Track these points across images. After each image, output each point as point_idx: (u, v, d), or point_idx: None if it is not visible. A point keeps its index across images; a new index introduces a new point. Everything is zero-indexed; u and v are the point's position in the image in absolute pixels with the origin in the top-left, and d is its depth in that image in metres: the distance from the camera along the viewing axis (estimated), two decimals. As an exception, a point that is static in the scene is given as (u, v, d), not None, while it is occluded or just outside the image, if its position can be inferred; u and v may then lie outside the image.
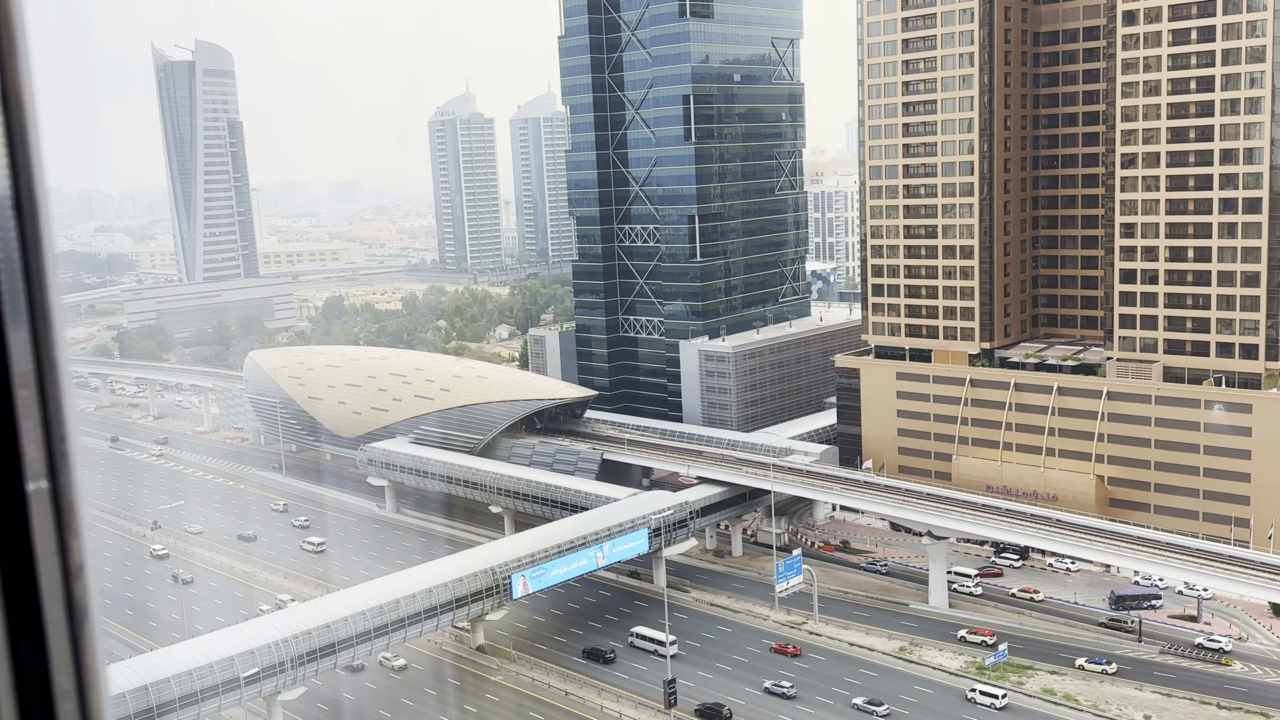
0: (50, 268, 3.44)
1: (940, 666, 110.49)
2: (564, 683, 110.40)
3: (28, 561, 3.29)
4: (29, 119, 3.42)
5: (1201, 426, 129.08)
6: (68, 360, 3.65)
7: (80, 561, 3.38)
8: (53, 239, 3.53)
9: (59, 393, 3.47)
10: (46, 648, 3.30)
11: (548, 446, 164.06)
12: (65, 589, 3.34)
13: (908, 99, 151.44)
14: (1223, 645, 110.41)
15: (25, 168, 3.42)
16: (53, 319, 3.42)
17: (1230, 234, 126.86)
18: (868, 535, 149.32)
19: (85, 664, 3.36)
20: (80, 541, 3.40)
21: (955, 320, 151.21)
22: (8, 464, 3.31)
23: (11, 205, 3.36)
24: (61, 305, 3.49)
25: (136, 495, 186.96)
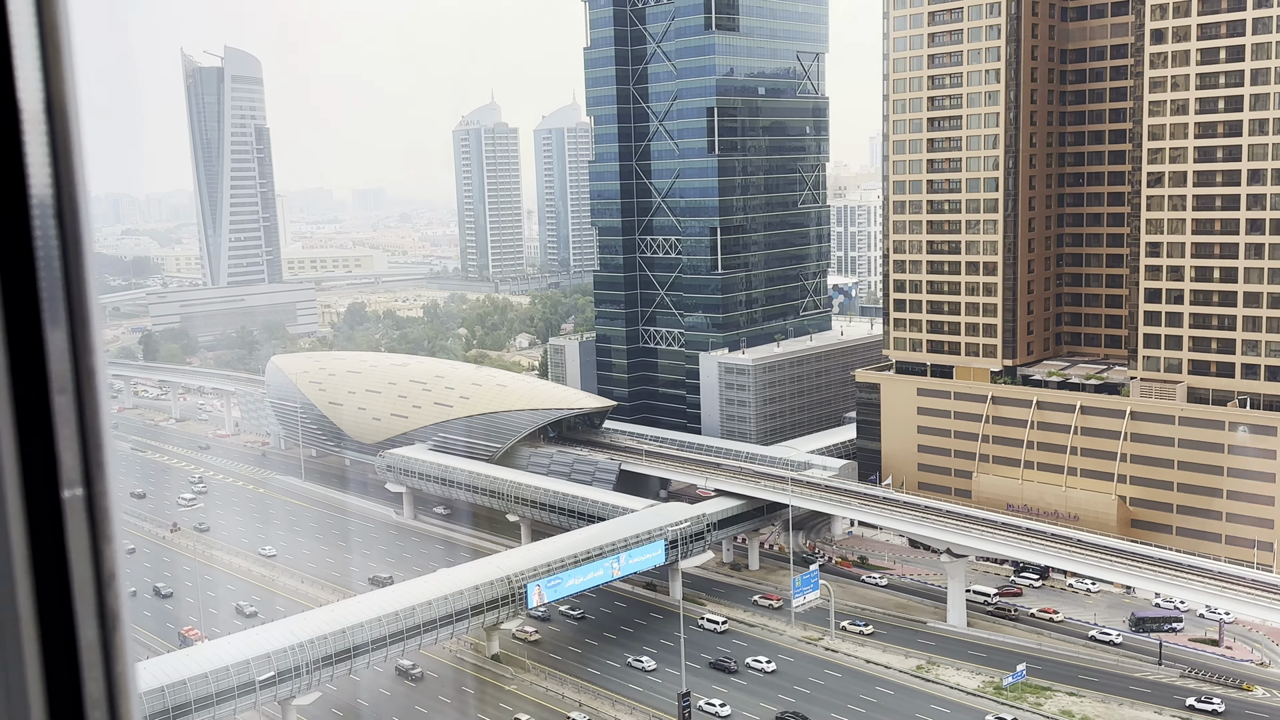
0: (90, 274, 3.45)
1: (958, 686, 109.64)
2: (578, 694, 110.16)
3: (61, 569, 3.30)
4: (73, 125, 3.42)
5: (1225, 448, 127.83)
6: (105, 367, 3.66)
7: (113, 569, 3.39)
8: (92, 245, 3.53)
9: (95, 399, 3.48)
10: (78, 655, 3.31)
11: (566, 456, 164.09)
12: (98, 596, 3.35)
13: (933, 114, 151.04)
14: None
15: (68, 174, 3.44)
16: (91, 325, 3.43)
17: (1257, 254, 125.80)
18: (886, 551, 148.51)
19: (116, 671, 3.37)
20: (113, 548, 3.42)
21: (978, 337, 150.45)
22: (43, 471, 3.33)
23: (54, 213, 3.38)
24: (99, 311, 3.50)
25: (158, 496, 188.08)
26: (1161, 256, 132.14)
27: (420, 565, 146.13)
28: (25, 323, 3.30)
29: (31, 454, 3.30)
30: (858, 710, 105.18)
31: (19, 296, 3.28)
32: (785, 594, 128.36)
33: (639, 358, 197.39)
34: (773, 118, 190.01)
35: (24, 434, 3.29)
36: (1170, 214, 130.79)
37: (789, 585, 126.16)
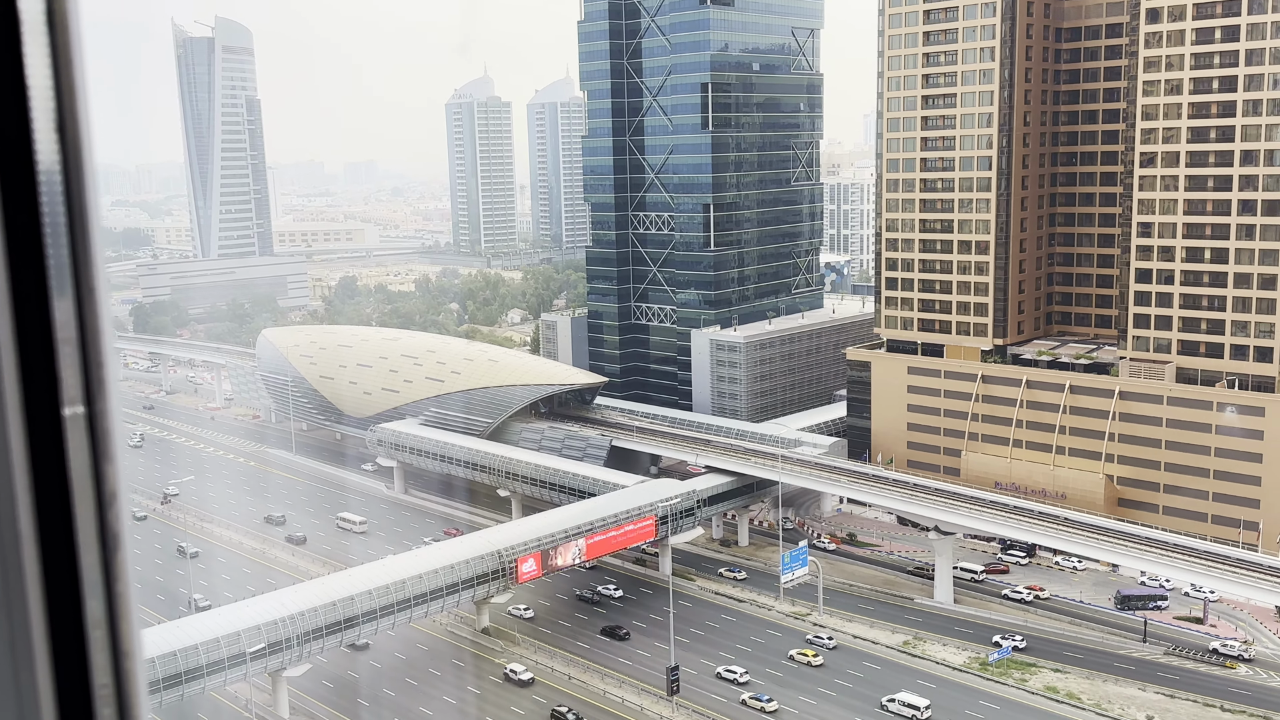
0: (91, 182, 3.47)
1: (944, 661, 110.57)
2: (568, 667, 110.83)
3: (62, 487, 3.29)
4: (80, 96, 3.46)
5: (1213, 428, 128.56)
6: (107, 286, 3.68)
7: (114, 489, 3.40)
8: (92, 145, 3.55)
9: (97, 316, 3.48)
10: (79, 574, 3.31)
11: (557, 432, 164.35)
12: (99, 516, 3.35)
13: (927, 92, 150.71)
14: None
15: (74, 144, 3.47)
16: (92, 238, 3.45)
17: (1248, 236, 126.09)
18: (875, 529, 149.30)
19: (117, 591, 3.40)
20: (115, 468, 3.42)
21: (969, 316, 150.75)
22: (44, 388, 3.31)
23: (61, 182, 3.41)
24: (100, 226, 3.53)
25: (148, 470, 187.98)
26: (1153, 237, 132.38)
27: (411, 539, 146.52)
28: (27, 235, 3.34)
29: (32, 371, 3.30)
30: (844, 685, 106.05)
31: (20, 204, 3.30)
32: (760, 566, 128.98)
33: (631, 334, 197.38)
34: (767, 94, 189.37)
35: (25, 350, 3.29)
36: (1162, 194, 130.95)
37: (778, 561, 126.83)
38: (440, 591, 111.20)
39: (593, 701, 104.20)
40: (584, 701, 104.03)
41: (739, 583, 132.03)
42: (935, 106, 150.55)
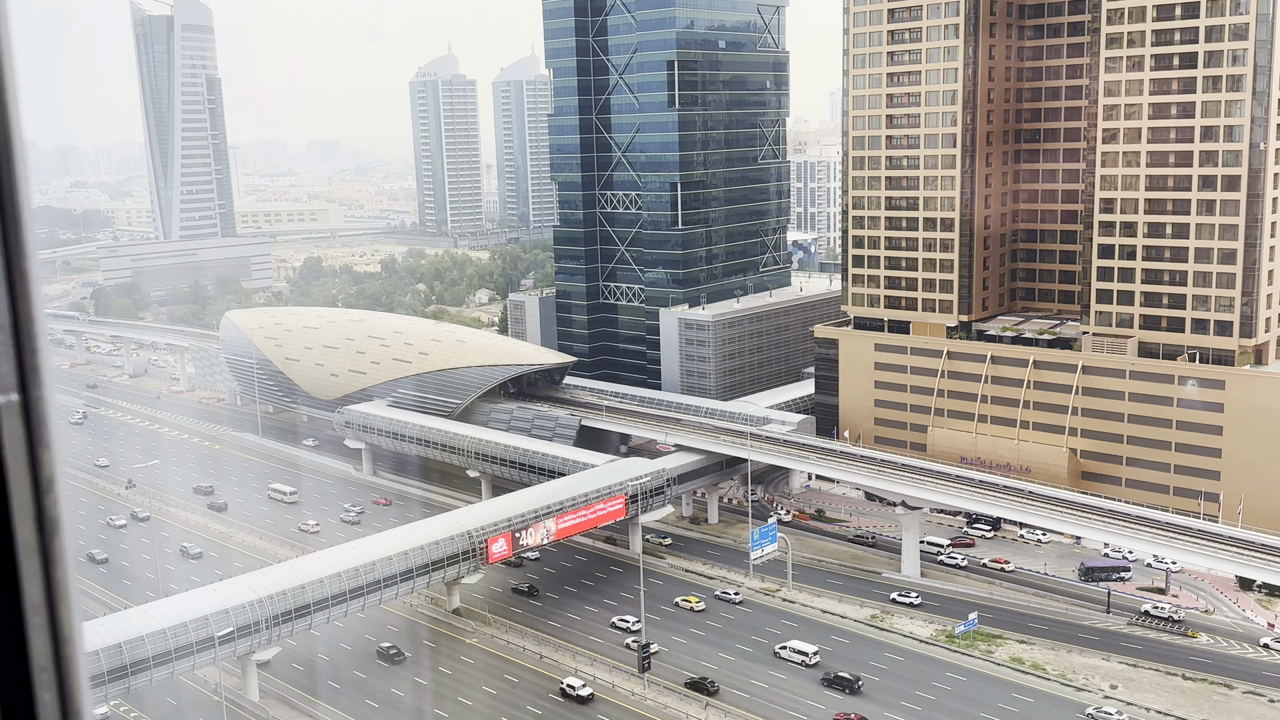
0: (20, 169, 3.38)
1: (911, 634, 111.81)
2: (539, 646, 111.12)
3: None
4: (6, 77, 3.38)
5: (1175, 402, 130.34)
6: (40, 274, 3.60)
7: (51, 475, 3.34)
8: (22, 142, 3.45)
9: (30, 304, 3.41)
10: (16, 560, 3.27)
11: (526, 412, 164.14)
12: (36, 502, 3.30)
13: (892, 70, 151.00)
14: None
15: (1, 126, 3.39)
16: (23, 225, 3.36)
17: (1208, 211, 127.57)
18: (843, 505, 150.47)
19: (56, 577, 3.35)
20: (51, 455, 3.35)
21: (934, 293, 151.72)
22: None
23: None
24: (31, 213, 3.44)
25: (111, 454, 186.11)
26: (1115, 213, 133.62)
27: (380, 521, 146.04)
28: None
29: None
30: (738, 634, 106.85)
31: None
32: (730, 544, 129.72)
33: (599, 313, 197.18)
34: (733, 72, 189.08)
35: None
36: (1125, 170, 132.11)
37: (747, 538, 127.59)
38: (411, 573, 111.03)
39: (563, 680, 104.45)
40: (556, 680, 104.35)
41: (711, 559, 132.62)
42: (900, 84, 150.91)
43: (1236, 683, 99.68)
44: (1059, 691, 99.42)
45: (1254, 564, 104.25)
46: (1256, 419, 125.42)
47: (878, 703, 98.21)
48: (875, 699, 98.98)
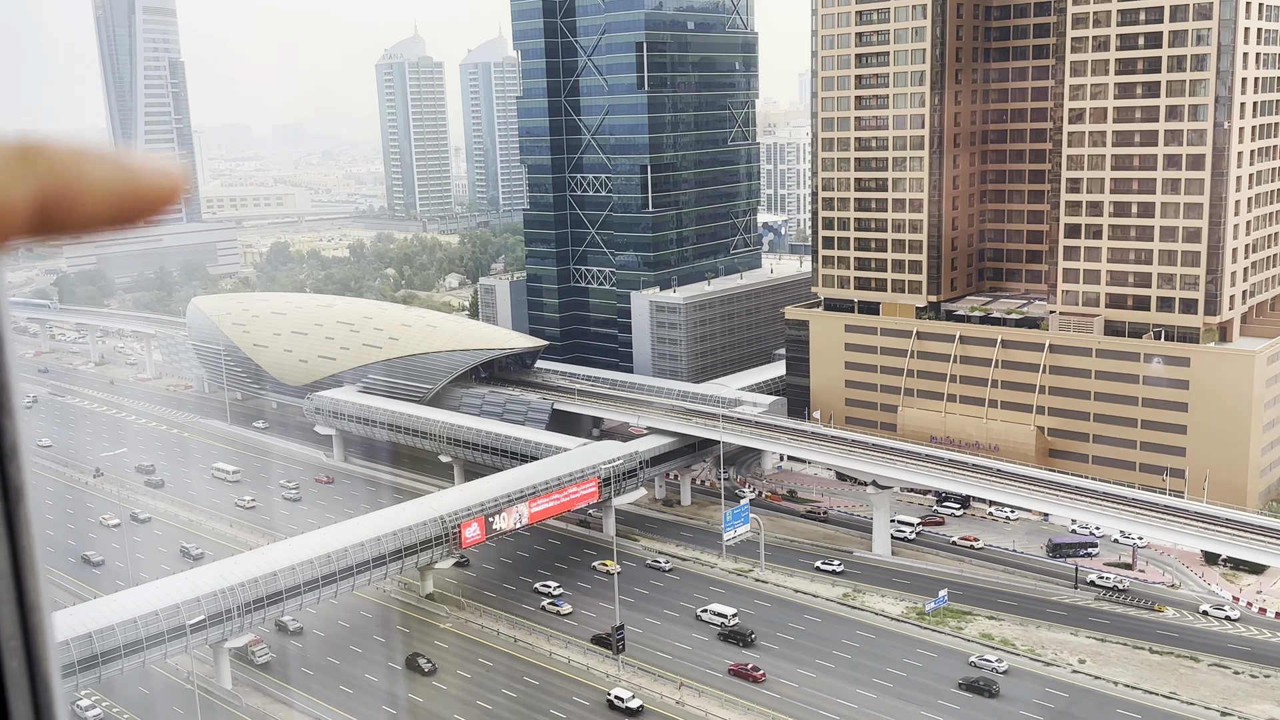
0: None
1: (882, 612, 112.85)
2: (513, 629, 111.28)
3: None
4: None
5: (1140, 379, 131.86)
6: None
7: (15, 442, 3.29)
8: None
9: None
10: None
11: (498, 396, 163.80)
12: (0, 470, 3.27)
13: (861, 51, 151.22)
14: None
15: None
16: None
17: (1173, 190, 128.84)
18: (814, 485, 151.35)
19: (21, 545, 3.31)
20: (15, 422, 3.30)
21: (904, 274, 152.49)
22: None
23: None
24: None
25: (78, 442, 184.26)
26: (1081, 192, 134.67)
27: (351, 508, 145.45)
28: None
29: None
30: (786, 638, 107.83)
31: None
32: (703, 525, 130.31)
33: (570, 297, 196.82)
34: (702, 53, 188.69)
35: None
36: (1090, 150, 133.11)
37: (720, 519, 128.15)
38: (384, 559, 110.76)
39: (538, 662, 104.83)
40: (530, 663, 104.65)
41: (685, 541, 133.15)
42: (869, 65, 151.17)
43: (1202, 655, 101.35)
44: (1028, 666, 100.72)
45: (1219, 538, 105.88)
46: (1221, 396, 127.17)
47: (768, 653, 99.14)
48: (764, 649, 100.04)
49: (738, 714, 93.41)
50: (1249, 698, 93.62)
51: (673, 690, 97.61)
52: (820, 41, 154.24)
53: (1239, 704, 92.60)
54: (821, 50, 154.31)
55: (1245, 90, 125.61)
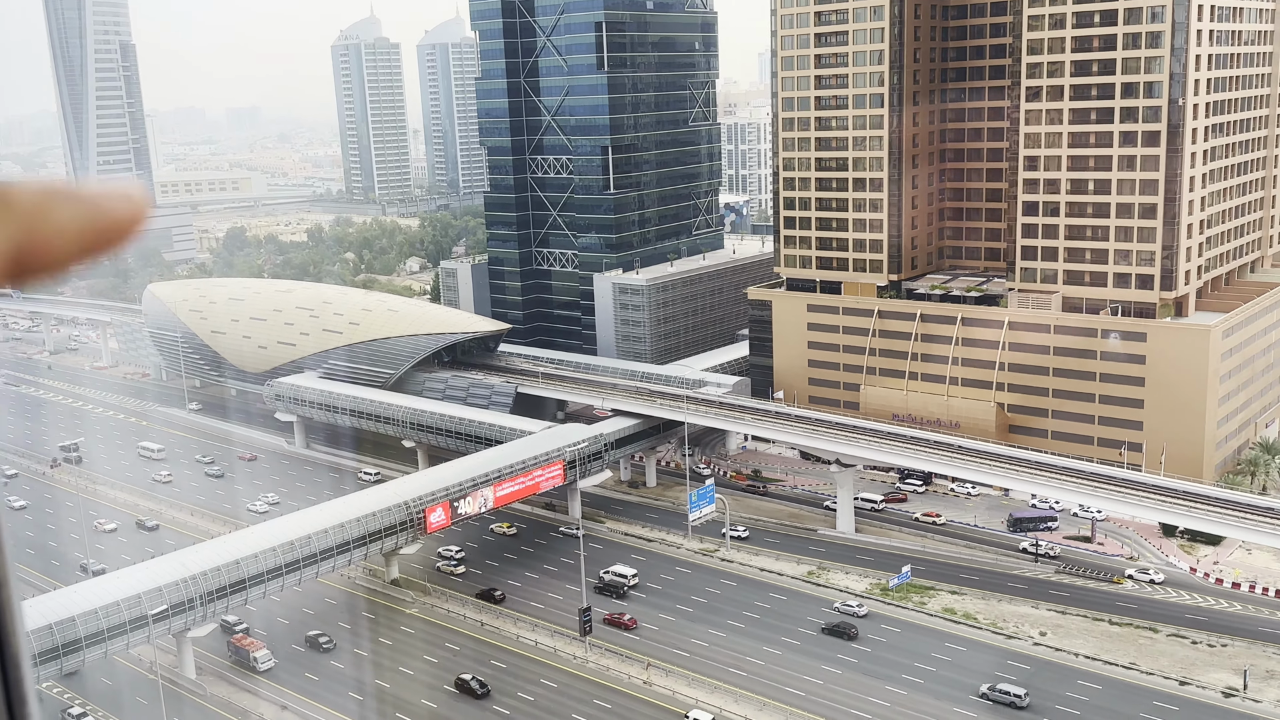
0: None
1: (847, 589, 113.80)
2: (479, 614, 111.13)
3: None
4: None
5: (1098, 355, 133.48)
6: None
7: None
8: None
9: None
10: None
11: (461, 380, 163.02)
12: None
13: (820, 30, 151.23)
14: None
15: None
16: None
17: (1129, 167, 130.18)
18: (778, 464, 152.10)
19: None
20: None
21: (865, 253, 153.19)
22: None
23: None
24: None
25: (35, 432, 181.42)
26: (1039, 170, 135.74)
27: (315, 494, 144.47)
28: None
29: None
30: (752, 616, 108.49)
31: None
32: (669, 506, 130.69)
33: (533, 280, 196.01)
34: (662, 33, 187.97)
35: None
36: (1047, 128, 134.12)
37: (685, 500, 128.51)
38: (347, 545, 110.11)
39: (505, 646, 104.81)
40: (497, 647, 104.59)
41: (650, 522, 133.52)
42: (828, 44, 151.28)
43: (1161, 626, 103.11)
44: (990, 640, 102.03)
45: (1176, 510, 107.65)
46: (1177, 370, 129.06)
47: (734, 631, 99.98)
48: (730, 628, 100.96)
49: (704, 692, 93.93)
50: (1207, 667, 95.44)
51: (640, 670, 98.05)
52: (780, 21, 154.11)
53: (1197, 673, 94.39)
54: (781, 30, 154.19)
55: (1200, 67, 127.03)
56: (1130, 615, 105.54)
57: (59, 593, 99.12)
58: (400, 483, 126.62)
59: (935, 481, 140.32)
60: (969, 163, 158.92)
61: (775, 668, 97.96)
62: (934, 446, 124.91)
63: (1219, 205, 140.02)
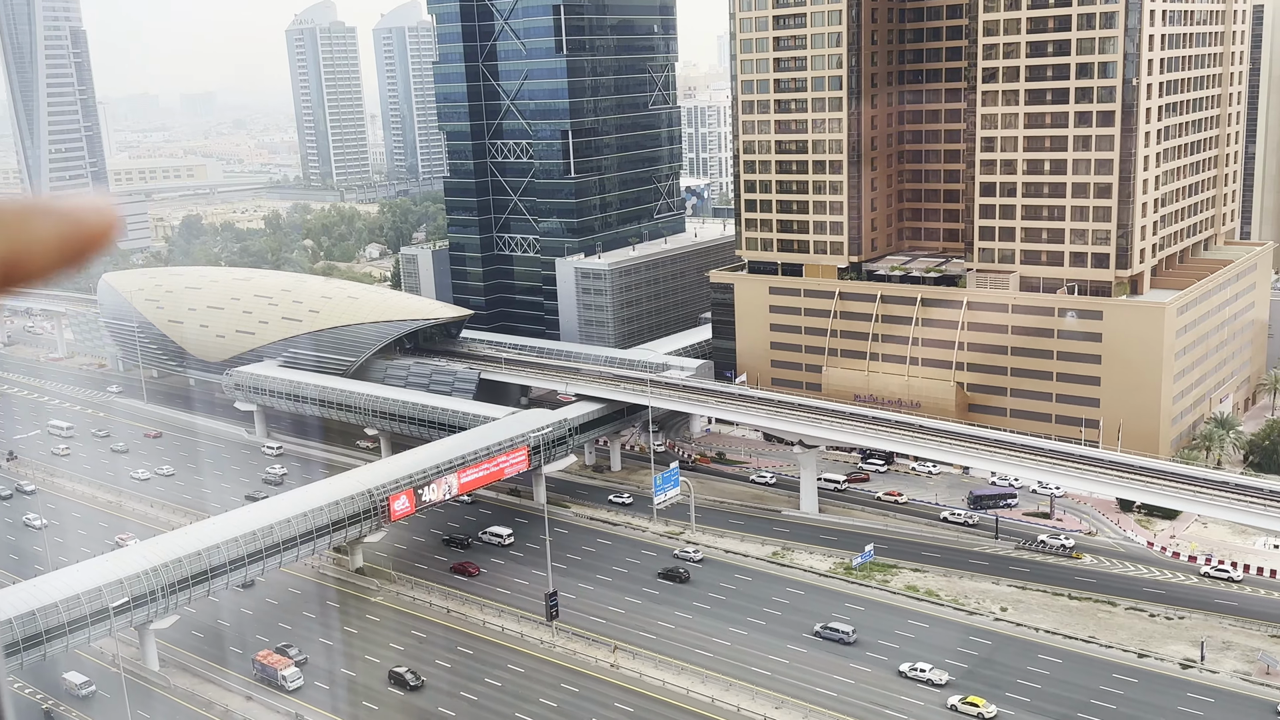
0: None
1: (811, 568, 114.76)
2: (445, 600, 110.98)
3: None
4: None
5: (1055, 334, 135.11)
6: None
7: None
8: None
9: None
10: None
11: (423, 367, 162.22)
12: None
13: (778, 12, 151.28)
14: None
15: None
16: None
17: (1084, 147, 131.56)
18: (742, 446, 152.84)
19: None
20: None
21: (825, 235, 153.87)
22: None
23: None
24: None
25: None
26: (996, 151, 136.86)
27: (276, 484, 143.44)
28: None
29: None
30: (718, 598, 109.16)
31: None
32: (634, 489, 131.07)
33: (494, 265, 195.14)
34: (620, 16, 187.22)
35: None
36: (1004, 109, 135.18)
37: (650, 484, 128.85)
38: (310, 535, 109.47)
39: (472, 632, 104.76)
40: (464, 633, 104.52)
41: (615, 507, 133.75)
42: (786, 26, 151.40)
43: (1119, 599, 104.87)
44: (952, 616, 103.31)
45: (1133, 486, 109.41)
46: (1133, 347, 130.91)
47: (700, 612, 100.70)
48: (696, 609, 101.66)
49: (671, 674, 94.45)
50: (1164, 639, 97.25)
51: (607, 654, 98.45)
52: (738, 3, 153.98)
53: (1155, 645, 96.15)
54: (739, 12, 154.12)
55: (1153, 47, 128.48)
56: (1089, 590, 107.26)
57: (17, 587, 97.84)
58: (363, 471, 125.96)
59: (897, 461, 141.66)
60: (928, 145, 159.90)
61: (740, 648, 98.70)
62: (895, 426, 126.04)
63: (1173, 184, 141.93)
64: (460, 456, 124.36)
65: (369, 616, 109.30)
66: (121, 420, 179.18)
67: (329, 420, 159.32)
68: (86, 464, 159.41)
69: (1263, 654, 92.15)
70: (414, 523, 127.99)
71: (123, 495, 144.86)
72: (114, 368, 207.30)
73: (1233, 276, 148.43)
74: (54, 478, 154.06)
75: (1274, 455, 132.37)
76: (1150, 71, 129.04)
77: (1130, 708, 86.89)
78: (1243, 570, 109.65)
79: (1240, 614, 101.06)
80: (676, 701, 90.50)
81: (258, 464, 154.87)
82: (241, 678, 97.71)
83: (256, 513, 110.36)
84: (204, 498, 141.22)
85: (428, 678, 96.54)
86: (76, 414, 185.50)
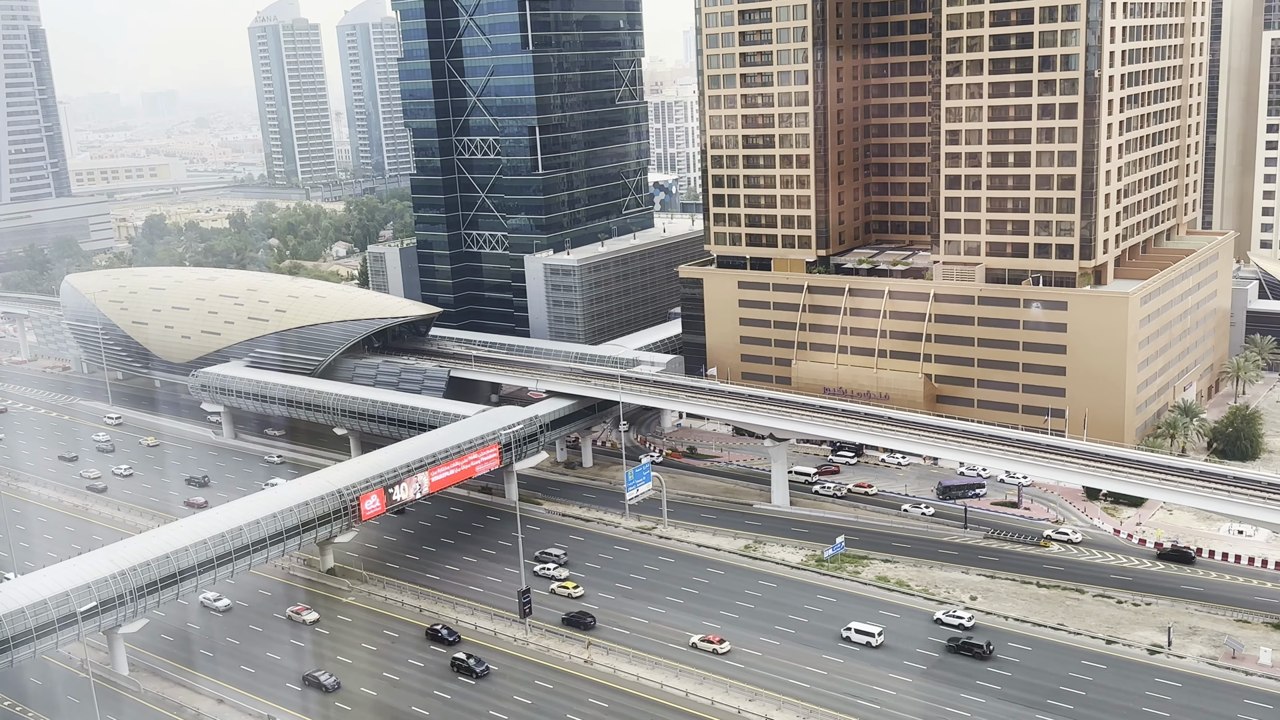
0: None
1: (783, 561, 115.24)
2: (418, 599, 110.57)
3: None
4: None
5: (1021, 324, 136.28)
6: None
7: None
8: None
9: None
10: None
11: (392, 366, 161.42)
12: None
13: (744, 7, 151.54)
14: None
15: None
16: None
17: (1048, 139, 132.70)
18: (713, 440, 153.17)
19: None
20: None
21: (793, 229, 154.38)
22: None
23: None
24: None
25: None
26: (960, 144, 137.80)
27: (245, 485, 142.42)
28: None
29: None
30: (691, 591, 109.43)
31: None
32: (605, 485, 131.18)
33: (463, 262, 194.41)
34: (586, 11, 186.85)
35: None
36: (968, 102, 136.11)
37: (622, 480, 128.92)
38: (280, 536, 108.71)
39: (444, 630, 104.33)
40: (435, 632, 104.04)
41: (588, 502, 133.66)
42: (752, 21, 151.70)
43: (1087, 587, 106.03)
44: (923, 606, 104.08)
45: (1098, 474, 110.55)
46: (1097, 337, 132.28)
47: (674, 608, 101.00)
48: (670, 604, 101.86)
49: (645, 669, 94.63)
50: (1132, 625, 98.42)
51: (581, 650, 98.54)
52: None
53: (1122, 631, 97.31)
54: (705, 7, 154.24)
55: (1114, 39, 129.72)
56: (1057, 577, 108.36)
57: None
58: (332, 470, 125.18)
59: (867, 453, 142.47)
60: (893, 138, 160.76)
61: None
62: (865, 419, 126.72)
63: (1135, 175, 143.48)
64: (431, 455, 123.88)
65: (340, 617, 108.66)
66: (86, 423, 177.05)
67: (298, 420, 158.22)
68: (51, 469, 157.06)
69: (1229, 638, 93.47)
70: (385, 521, 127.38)
71: (89, 499, 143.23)
72: (78, 370, 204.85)
73: (1195, 266, 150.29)
74: (18, 481, 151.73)
75: (1237, 442, 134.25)
76: (1112, 64, 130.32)
77: (1099, 693, 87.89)
78: (1208, 556, 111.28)
79: (1206, 599, 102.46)
80: (651, 696, 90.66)
81: (226, 465, 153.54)
82: (208, 678, 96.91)
83: (224, 515, 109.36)
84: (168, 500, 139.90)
85: (400, 677, 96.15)
86: (40, 418, 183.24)
